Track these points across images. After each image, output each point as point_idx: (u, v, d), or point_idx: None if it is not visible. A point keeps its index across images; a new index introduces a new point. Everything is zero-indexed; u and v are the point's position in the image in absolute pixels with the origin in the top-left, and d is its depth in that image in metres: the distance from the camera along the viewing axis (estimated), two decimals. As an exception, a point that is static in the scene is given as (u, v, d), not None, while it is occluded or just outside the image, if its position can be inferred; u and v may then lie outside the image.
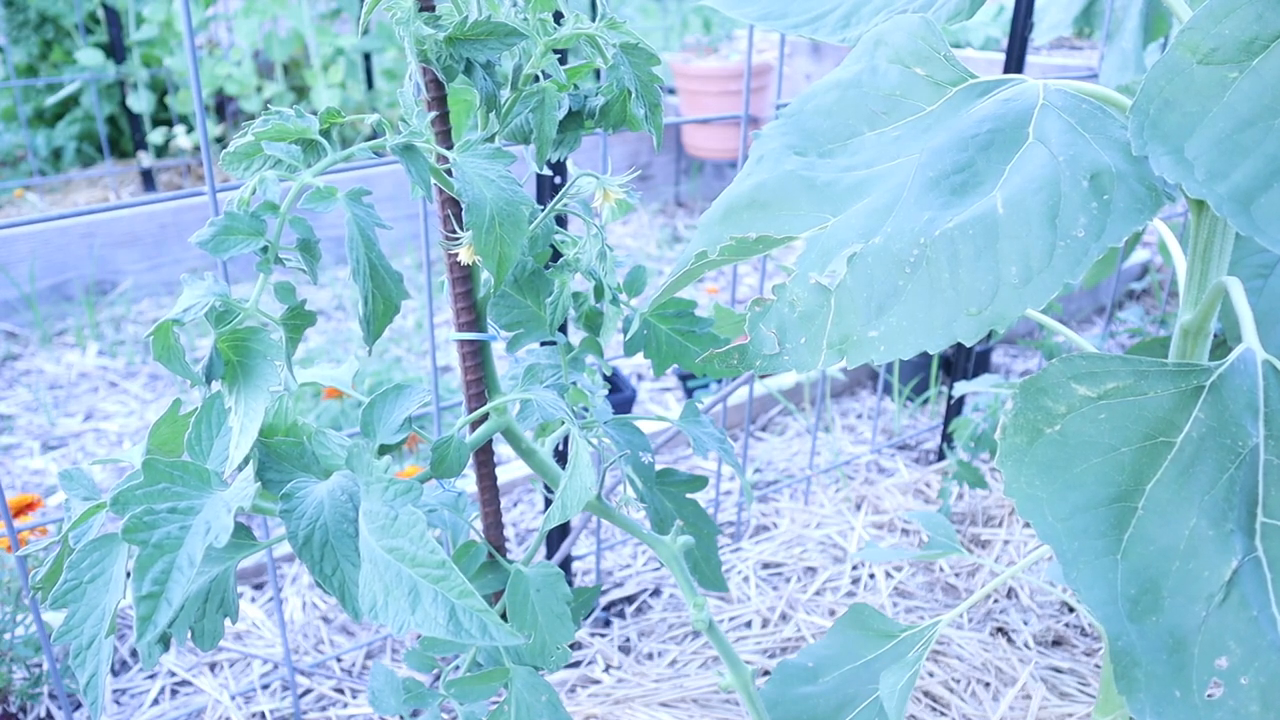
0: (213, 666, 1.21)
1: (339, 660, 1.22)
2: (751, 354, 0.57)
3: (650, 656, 1.22)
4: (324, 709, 1.14)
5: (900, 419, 1.78)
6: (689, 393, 1.86)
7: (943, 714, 1.11)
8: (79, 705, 1.09)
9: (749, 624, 1.27)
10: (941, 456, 1.64)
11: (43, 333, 2.21)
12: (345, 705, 1.15)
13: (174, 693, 1.18)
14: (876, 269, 0.53)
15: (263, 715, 1.13)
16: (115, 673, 1.20)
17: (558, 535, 1.19)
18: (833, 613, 1.28)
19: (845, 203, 0.58)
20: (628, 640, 1.25)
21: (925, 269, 0.52)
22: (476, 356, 0.72)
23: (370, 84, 3.22)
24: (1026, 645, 1.21)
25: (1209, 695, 0.47)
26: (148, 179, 3.07)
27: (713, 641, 0.78)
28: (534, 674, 0.71)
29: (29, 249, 2.28)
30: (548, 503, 1.20)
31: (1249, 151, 0.49)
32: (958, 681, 1.15)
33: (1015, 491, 0.52)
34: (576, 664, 1.20)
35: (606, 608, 1.31)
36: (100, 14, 2.99)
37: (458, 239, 0.65)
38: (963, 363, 1.57)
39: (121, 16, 3.04)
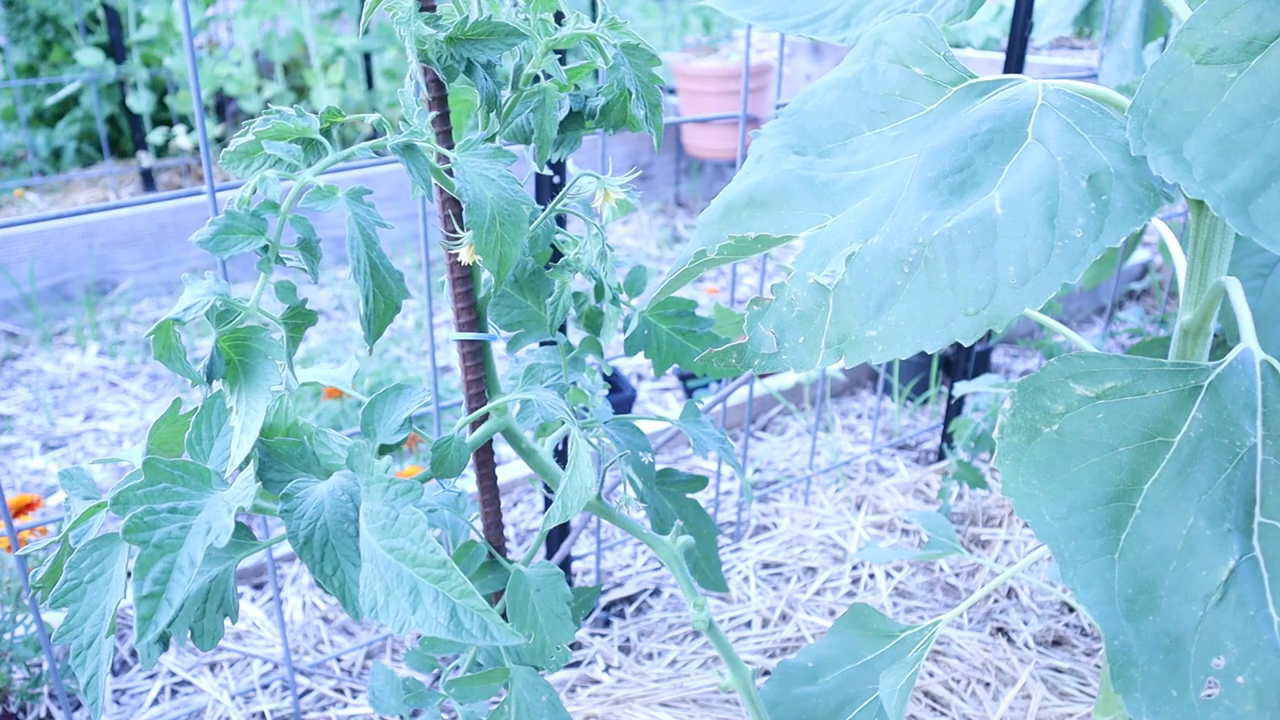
0: (213, 666, 1.21)
1: (339, 660, 1.22)
2: (750, 353, 0.57)
3: (650, 656, 1.22)
4: (324, 709, 1.14)
5: (900, 419, 1.78)
6: (689, 393, 1.86)
7: (943, 714, 1.11)
8: (79, 705, 1.09)
9: (749, 624, 1.27)
10: (941, 456, 1.64)
11: (43, 333, 2.21)
12: (345, 705, 1.15)
13: (174, 693, 1.18)
14: (875, 268, 0.53)
15: (263, 715, 1.13)
16: (115, 673, 1.20)
17: (558, 535, 1.20)
18: (833, 613, 1.28)
19: (844, 202, 0.58)
20: (628, 640, 1.25)
21: (924, 269, 0.52)
22: (476, 356, 0.72)
23: (370, 84, 3.22)
24: (1026, 645, 1.21)
25: (1205, 695, 0.47)
26: (148, 179, 3.08)
27: (713, 641, 0.78)
28: (534, 674, 0.71)
29: (29, 249, 2.28)
30: (548, 503, 1.21)
31: (1247, 151, 0.49)
32: (958, 681, 1.16)
33: (1013, 491, 0.52)
34: (576, 664, 1.21)
35: (606, 608, 1.31)
36: (100, 14, 3.00)
37: (458, 239, 0.65)
38: (963, 363, 1.57)
39: (121, 16, 3.04)
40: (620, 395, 1.67)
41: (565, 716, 0.70)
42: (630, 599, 1.33)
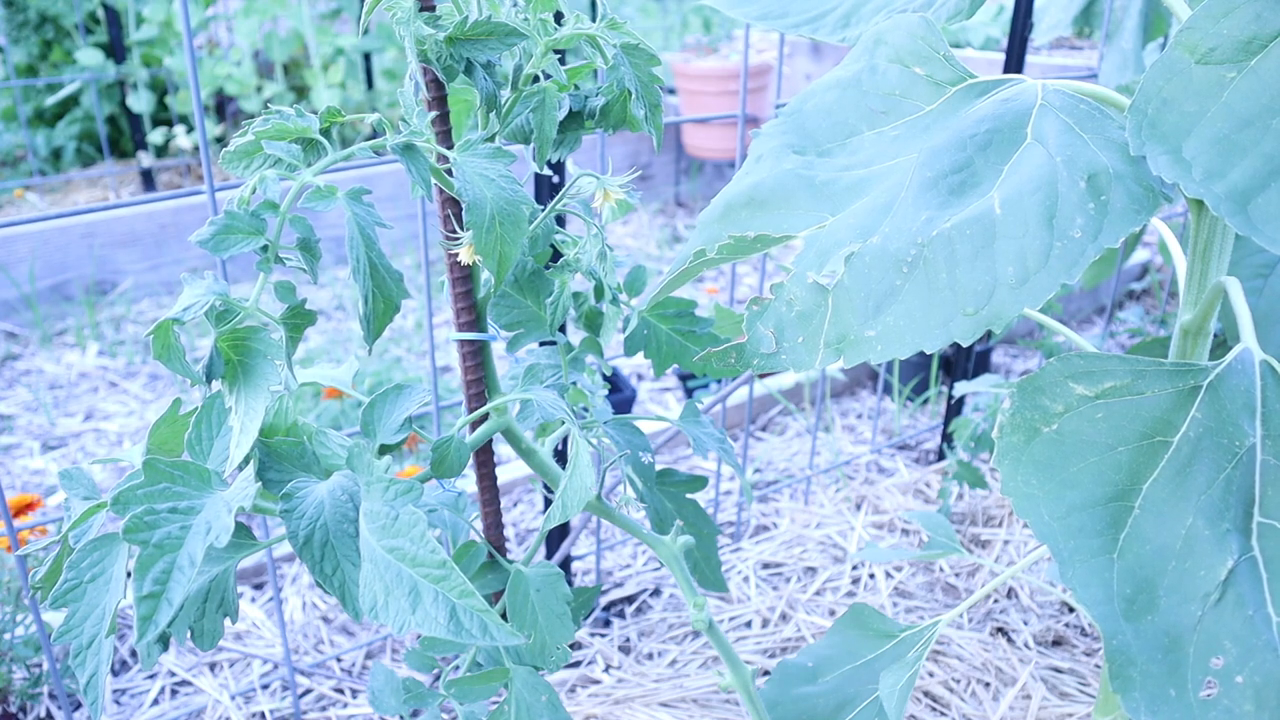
0: (213, 666, 1.21)
1: (339, 660, 1.22)
2: (749, 353, 0.57)
3: (650, 656, 1.22)
4: (324, 709, 1.14)
5: (900, 419, 1.78)
6: (689, 393, 1.86)
7: (943, 714, 1.11)
8: (79, 705, 1.09)
9: (749, 624, 1.27)
10: (941, 456, 1.64)
11: (43, 333, 2.21)
12: (345, 705, 1.15)
13: (174, 693, 1.18)
14: (874, 268, 0.53)
15: (263, 715, 1.13)
16: (115, 673, 1.20)
17: (558, 535, 1.20)
18: (833, 613, 1.28)
19: (844, 202, 0.58)
20: (628, 640, 1.25)
21: (923, 269, 0.52)
22: (476, 356, 0.72)
23: (370, 84, 3.22)
24: (1026, 645, 1.21)
25: (1204, 695, 0.47)
26: (148, 179, 3.08)
27: (713, 641, 0.78)
28: (534, 674, 0.71)
29: (29, 249, 2.28)
30: (548, 503, 1.21)
31: (1247, 151, 0.49)
32: (958, 681, 1.16)
33: (1012, 490, 0.52)
34: (576, 664, 1.21)
35: (606, 608, 1.31)
36: (100, 14, 3.00)
37: (458, 239, 0.65)
38: (963, 362, 1.57)
39: (121, 16, 3.04)
40: (620, 395, 1.67)
41: (565, 716, 0.70)
42: (630, 599, 1.33)
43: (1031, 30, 1.34)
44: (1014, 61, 1.35)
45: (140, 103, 3.00)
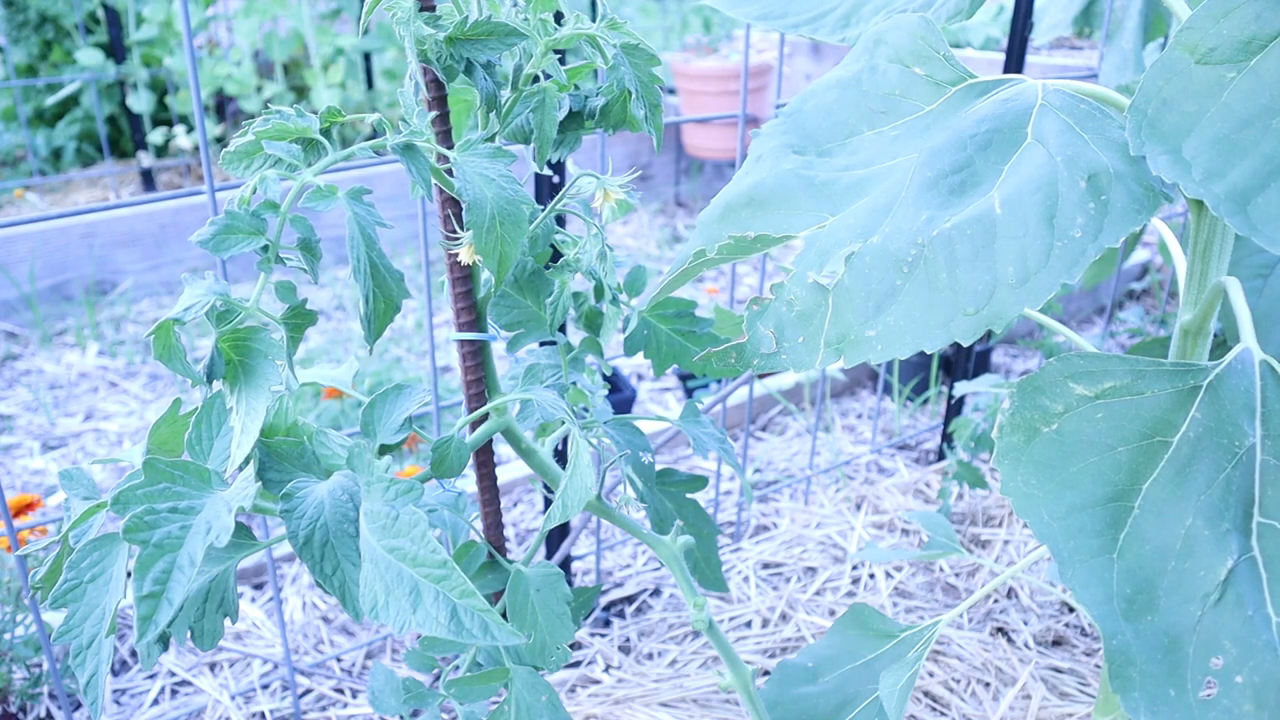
0: (213, 666, 1.21)
1: (339, 660, 1.22)
2: (749, 353, 0.57)
3: (650, 656, 1.22)
4: (324, 709, 1.14)
5: (900, 419, 1.78)
6: (689, 393, 1.86)
7: (943, 714, 1.11)
8: (79, 705, 1.09)
9: (749, 624, 1.27)
10: (941, 456, 1.64)
11: (43, 333, 2.21)
12: (345, 705, 1.15)
13: (174, 693, 1.18)
14: (874, 268, 0.53)
15: (263, 715, 1.13)
16: (115, 673, 1.20)
17: (558, 535, 1.20)
18: (833, 613, 1.28)
19: (844, 202, 0.58)
20: (628, 640, 1.25)
21: (923, 268, 0.52)
22: (476, 356, 0.72)
23: (370, 84, 3.22)
24: (1026, 645, 1.21)
25: (1204, 695, 0.47)
26: (148, 179, 3.08)
27: (713, 641, 0.78)
28: (534, 674, 0.71)
29: (29, 249, 2.28)
30: (548, 503, 1.21)
31: (1247, 151, 0.49)
32: (958, 681, 1.16)
33: (1012, 490, 0.52)
34: (576, 664, 1.21)
35: (606, 608, 1.31)
36: (100, 14, 3.00)
37: (458, 239, 0.65)
38: (963, 362, 1.57)
39: (121, 16, 3.04)
40: (620, 395, 1.67)
41: (565, 716, 0.70)
42: (630, 599, 1.33)
43: (1031, 30, 1.34)
44: (1014, 61, 1.35)
45: (140, 103, 3.00)
